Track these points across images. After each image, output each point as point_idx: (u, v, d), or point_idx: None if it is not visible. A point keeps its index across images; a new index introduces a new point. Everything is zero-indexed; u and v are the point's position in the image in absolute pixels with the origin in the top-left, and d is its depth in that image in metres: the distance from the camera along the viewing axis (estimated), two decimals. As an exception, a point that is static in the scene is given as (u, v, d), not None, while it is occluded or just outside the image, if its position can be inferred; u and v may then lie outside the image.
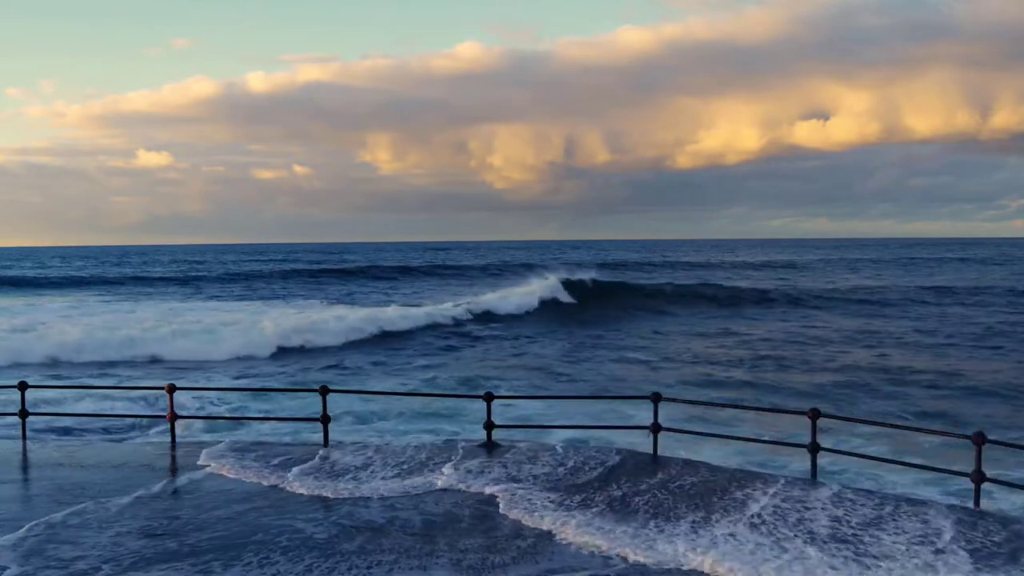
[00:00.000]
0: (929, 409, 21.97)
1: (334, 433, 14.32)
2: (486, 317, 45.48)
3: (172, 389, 14.07)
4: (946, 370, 28.11)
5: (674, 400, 14.48)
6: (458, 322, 43.63)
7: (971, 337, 37.31)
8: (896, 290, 63.19)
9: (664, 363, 30.78)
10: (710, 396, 23.37)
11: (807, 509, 9.96)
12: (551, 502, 10.51)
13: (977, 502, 10.17)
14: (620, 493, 10.83)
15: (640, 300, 54.35)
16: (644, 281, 68.14)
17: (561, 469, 11.99)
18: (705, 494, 10.67)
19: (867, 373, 27.72)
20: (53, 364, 29.51)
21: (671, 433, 13.27)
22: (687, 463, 12.27)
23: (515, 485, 11.22)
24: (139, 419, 18.51)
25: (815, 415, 11.25)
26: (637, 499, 10.60)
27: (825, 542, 8.95)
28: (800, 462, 13.48)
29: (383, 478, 11.77)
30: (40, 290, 68.38)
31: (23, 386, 14.37)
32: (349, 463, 12.51)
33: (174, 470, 12.28)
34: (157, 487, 11.25)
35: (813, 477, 11.36)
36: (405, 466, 12.31)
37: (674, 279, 72.80)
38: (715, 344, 36.36)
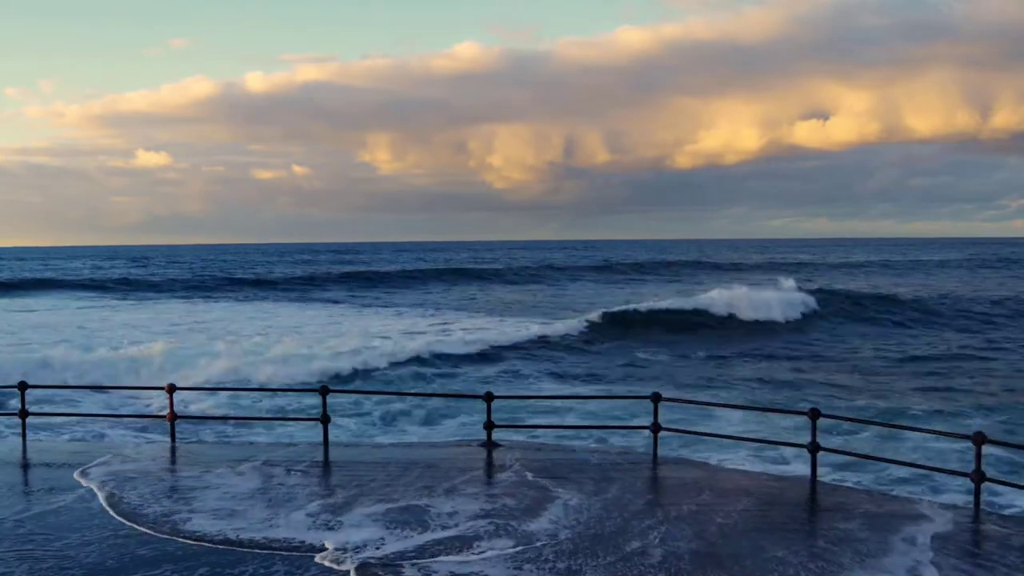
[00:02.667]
0: None
1: (338, 434, 14.25)
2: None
3: (172, 389, 14.07)
4: None
5: (674, 400, 14.46)
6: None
7: None
8: None
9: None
10: None
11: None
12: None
13: (977, 502, 10.16)
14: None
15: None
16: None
17: (588, 497, 10.23)
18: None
19: None
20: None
21: (673, 434, 13.27)
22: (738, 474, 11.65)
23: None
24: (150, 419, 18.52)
25: (815, 415, 11.24)
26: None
27: None
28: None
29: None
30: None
31: (23, 386, 14.35)
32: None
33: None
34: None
35: (813, 477, 11.33)
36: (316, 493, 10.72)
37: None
38: None
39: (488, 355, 33.29)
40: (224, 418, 18.36)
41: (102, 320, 46.74)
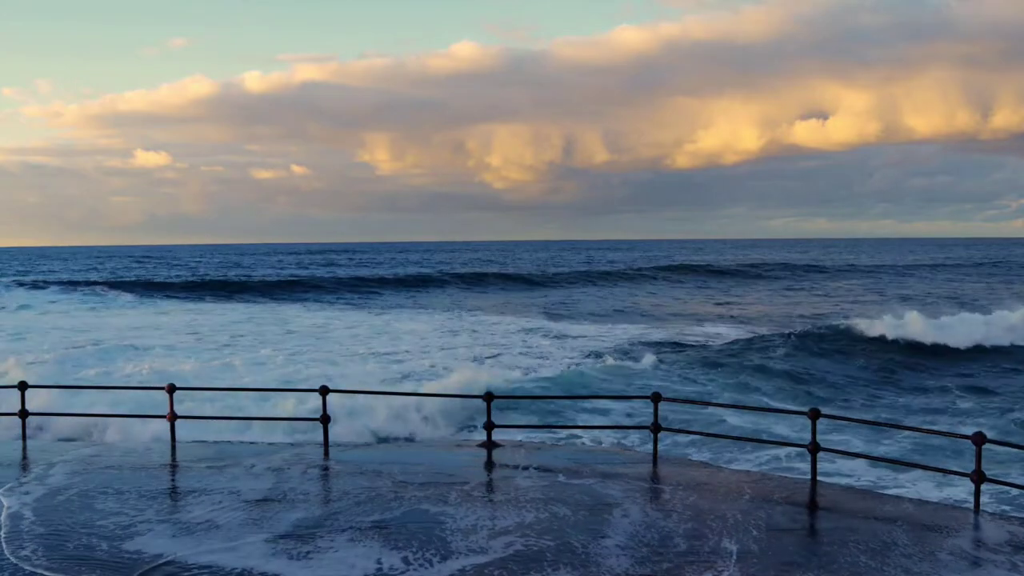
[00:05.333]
0: None
1: (331, 434, 14.18)
2: None
3: (172, 389, 14.05)
4: None
5: (674, 400, 14.49)
6: None
7: None
8: None
9: None
10: None
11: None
12: None
13: (977, 503, 10.17)
14: None
15: None
16: None
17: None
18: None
19: None
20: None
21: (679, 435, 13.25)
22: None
23: None
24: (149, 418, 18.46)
25: (815, 415, 11.24)
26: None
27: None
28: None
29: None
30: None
31: (23, 386, 14.35)
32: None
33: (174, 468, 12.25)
34: None
35: (813, 477, 11.34)
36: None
37: None
38: None
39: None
40: (225, 418, 18.30)
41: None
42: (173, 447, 13.70)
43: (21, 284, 72.53)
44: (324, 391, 13.55)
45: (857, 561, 8.19)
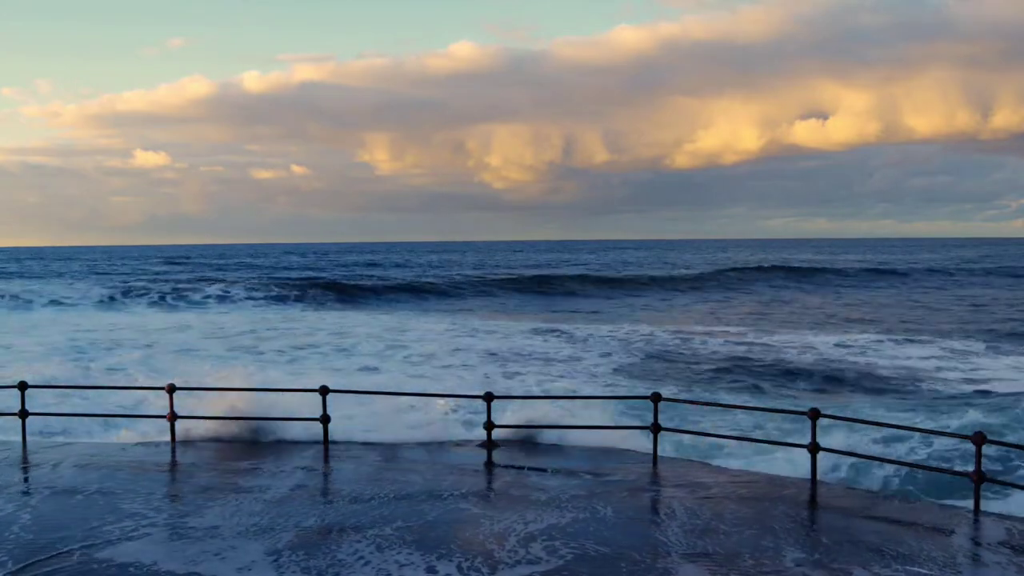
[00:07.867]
0: None
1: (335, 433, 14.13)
2: None
3: (172, 389, 14.06)
4: None
5: (674, 400, 14.49)
6: None
7: None
8: None
9: None
10: None
11: None
12: None
13: (977, 502, 10.16)
14: None
15: None
16: None
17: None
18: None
19: None
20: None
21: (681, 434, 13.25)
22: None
23: None
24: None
25: (815, 415, 11.24)
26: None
27: None
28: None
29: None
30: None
31: (23, 386, 14.34)
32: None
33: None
34: None
35: (813, 477, 11.34)
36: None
37: None
38: None
39: None
40: (225, 418, 18.29)
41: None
42: (173, 447, 13.70)
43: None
44: (324, 391, 13.55)
45: (885, 568, 8.12)
